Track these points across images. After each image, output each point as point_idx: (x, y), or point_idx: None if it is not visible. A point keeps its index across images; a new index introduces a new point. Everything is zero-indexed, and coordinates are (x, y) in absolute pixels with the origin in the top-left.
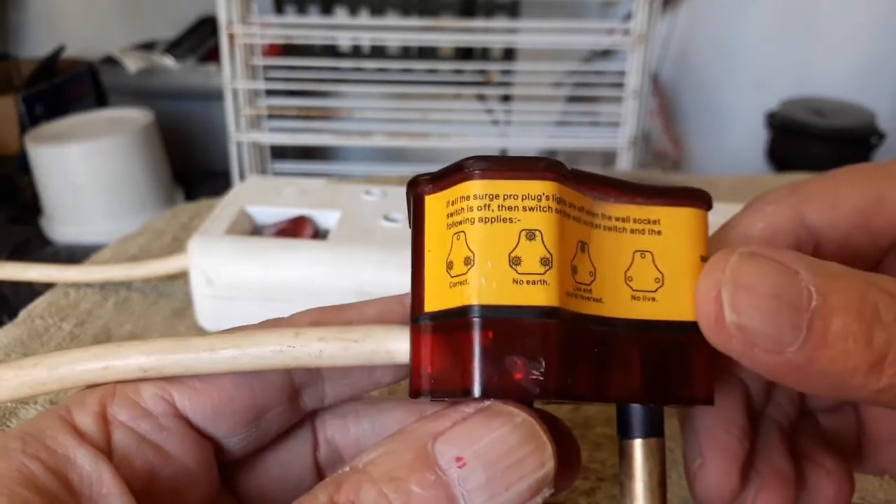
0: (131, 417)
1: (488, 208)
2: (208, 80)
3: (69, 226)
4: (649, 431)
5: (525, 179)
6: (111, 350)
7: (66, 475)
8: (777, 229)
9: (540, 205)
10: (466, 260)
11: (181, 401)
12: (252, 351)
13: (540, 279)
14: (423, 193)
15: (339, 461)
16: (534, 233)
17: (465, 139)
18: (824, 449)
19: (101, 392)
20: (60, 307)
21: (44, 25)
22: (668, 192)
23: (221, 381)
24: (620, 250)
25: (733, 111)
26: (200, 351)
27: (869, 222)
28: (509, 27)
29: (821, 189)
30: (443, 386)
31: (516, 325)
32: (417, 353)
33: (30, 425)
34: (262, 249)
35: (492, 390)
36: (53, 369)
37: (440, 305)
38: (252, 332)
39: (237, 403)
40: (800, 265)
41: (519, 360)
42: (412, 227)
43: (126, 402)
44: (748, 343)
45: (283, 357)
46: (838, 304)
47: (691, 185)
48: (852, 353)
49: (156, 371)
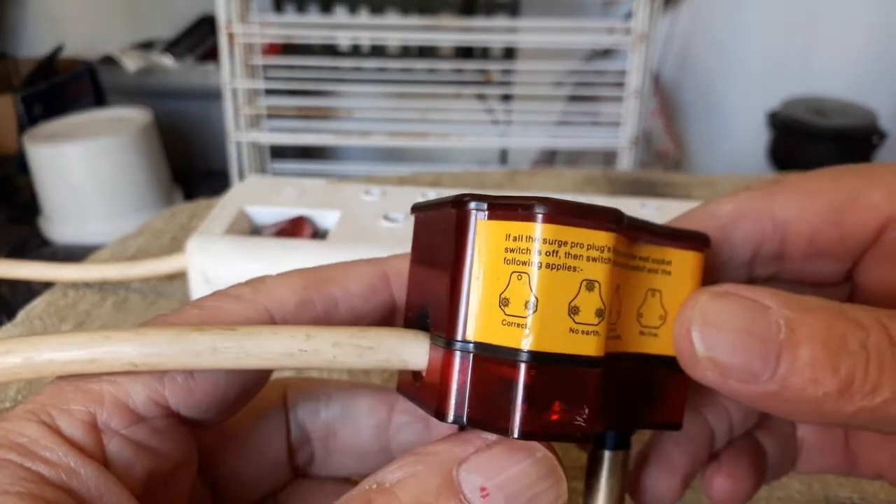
0: (124, 425)
1: (555, 254)
2: (207, 79)
3: (68, 226)
4: (619, 445)
5: (592, 229)
6: (98, 339)
7: (74, 490)
8: (742, 213)
9: (602, 256)
10: (527, 304)
11: (175, 401)
12: (259, 353)
13: (594, 330)
14: (474, 215)
15: (307, 441)
16: (593, 284)
17: (465, 139)
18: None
19: (88, 398)
20: (59, 307)
21: (42, 25)
22: (677, 234)
23: (215, 377)
24: (638, 289)
25: (734, 111)
26: (201, 350)
27: (840, 219)
28: (509, 26)
29: (798, 182)
30: (480, 417)
31: (564, 372)
32: (449, 377)
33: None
34: (262, 249)
35: (530, 433)
36: (29, 357)
37: (487, 338)
38: (258, 332)
39: (229, 395)
40: (772, 301)
41: (560, 405)
42: (456, 247)
43: (118, 410)
44: (722, 375)
45: (293, 360)
46: (806, 334)
47: (692, 185)
48: (820, 381)
49: (148, 367)
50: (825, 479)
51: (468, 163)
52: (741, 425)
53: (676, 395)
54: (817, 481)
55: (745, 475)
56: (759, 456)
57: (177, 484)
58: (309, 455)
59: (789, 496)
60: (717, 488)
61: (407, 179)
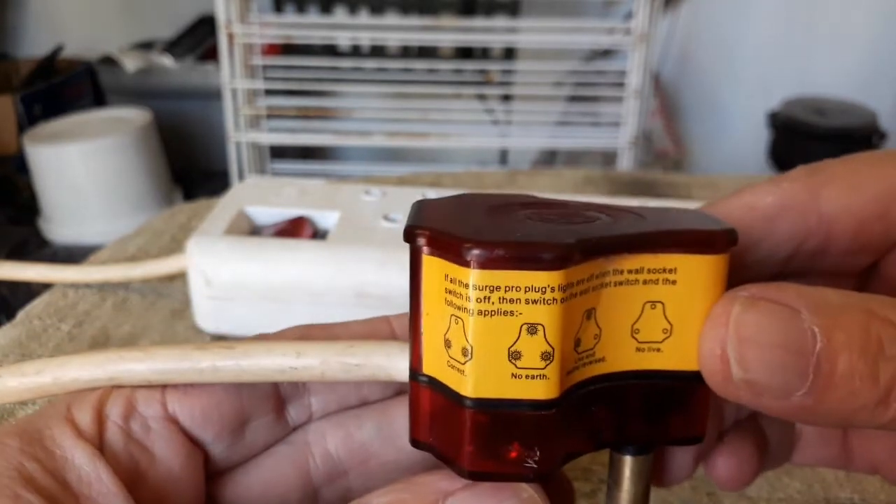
0: (122, 416)
1: (488, 300)
2: (207, 79)
3: (67, 226)
4: (640, 450)
5: (529, 270)
6: (114, 359)
7: (64, 476)
8: (787, 205)
9: (544, 297)
10: (464, 350)
11: (171, 403)
12: (253, 370)
13: (539, 374)
14: (420, 250)
15: (341, 474)
16: (536, 327)
17: (465, 139)
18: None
19: (101, 390)
20: (59, 308)
21: (42, 25)
22: (687, 235)
23: (212, 386)
24: (630, 303)
25: (735, 111)
26: (203, 366)
27: (887, 211)
28: (509, 26)
29: (842, 172)
30: (439, 447)
31: (512, 416)
32: (416, 403)
33: (28, 421)
34: (262, 250)
35: (482, 475)
36: (57, 377)
37: (438, 376)
38: (253, 349)
39: (225, 407)
40: (801, 303)
41: (513, 448)
42: (411, 275)
43: (120, 401)
44: (756, 394)
45: (285, 377)
46: (842, 342)
47: (693, 185)
48: (859, 392)
49: (159, 382)
50: (825, 480)
51: (468, 163)
52: (746, 408)
53: (696, 408)
54: (817, 481)
55: (749, 457)
56: (762, 440)
57: (176, 500)
58: (342, 490)
59: (789, 496)
60: (721, 468)
61: (407, 179)
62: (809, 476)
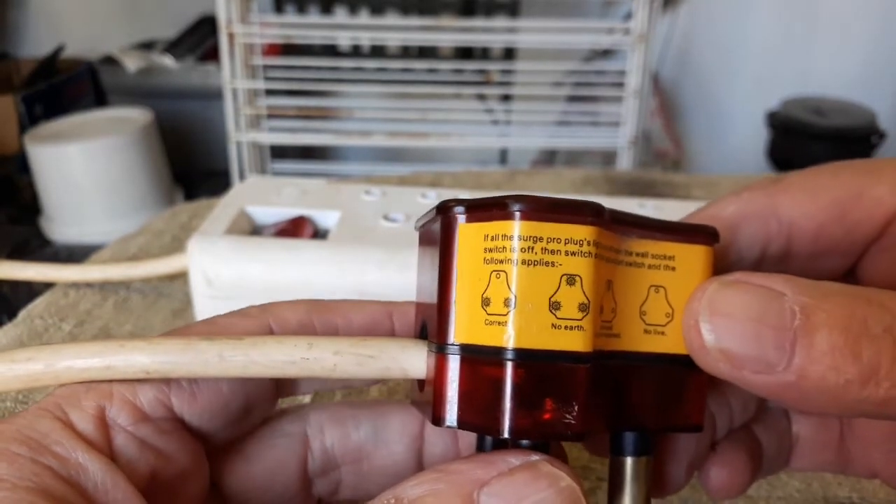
0: (131, 422)
1: (531, 251)
2: (208, 79)
3: (69, 226)
4: (640, 451)
5: (569, 223)
6: (112, 348)
7: (81, 484)
8: (747, 213)
9: (582, 250)
10: (506, 301)
11: (179, 405)
12: (263, 361)
13: (577, 325)
14: (456, 220)
15: (335, 469)
16: (574, 278)
17: (465, 139)
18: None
19: (98, 394)
20: (60, 307)
21: (43, 25)
22: (681, 228)
23: (218, 385)
24: (638, 285)
25: (734, 110)
26: (209, 358)
27: (845, 215)
28: (509, 27)
29: (800, 180)
30: (471, 419)
31: (551, 368)
32: (442, 381)
33: (26, 426)
34: (262, 249)
35: (521, 432)
36: (49, 365)
37: (473, 339)
38: (262, 341)
39: (232, 405)
40: (787, 287)
41: (550, 403)
42: (441, 252)
43: (126, 407)
44: (736, 366)
45: (295, 368)
46: (822, 320)
47: (692, 185)
48: (841, 369)
49: (159, 374)
50: (824, 479)
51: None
52: (740, 417)
53: (694, 396)
54: (816, 480)
55: (743, 467)
56: (756, 449)
57: (186, 494)
58: (334, 483)
59: (788, 495)
60: (714, 478)
61: (407, 179)
62: (809, 475)
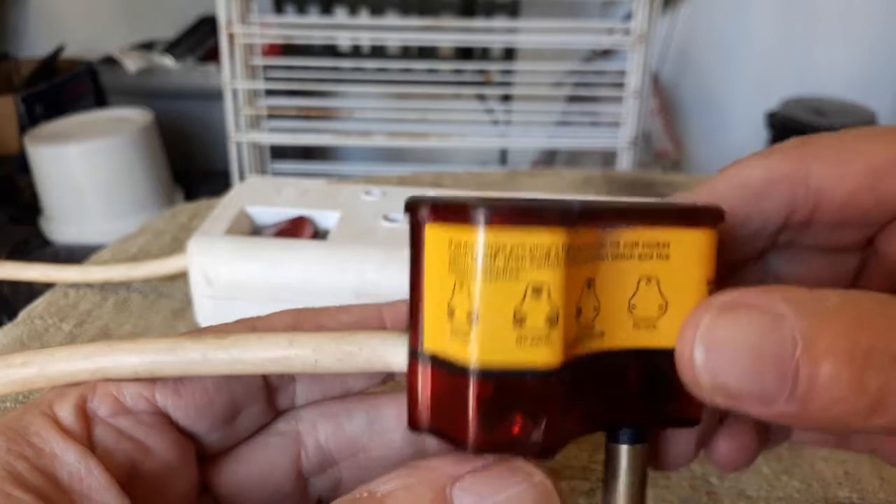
0: (111, 414)
1: (494, 261)
2: (208, 79)
3: (69, 226)
4: (636, 438)
5: (534, 230)
6: (102, 350)
7: (54, 473)
8: (776, 180)
9: (548, 257)
10: (469, 316)
11: (163, 401)
12: (247, 358)
13: (544, 338)
14: (423, 221)
15: (331, 464)
16: (541, 288)
17: (465, 139)
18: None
19: (84, 387)
20: (60, 307)
21: (43, 25)
22: (679, 211)
23: (203, 382)
24: (626, 278)
25: (734, 111)
26: (194, 357)
27: (877, 183)
28: (509, 27)
29: (832, 144)
30: (440, 427)
31: (517, 384)
32: (415, 386)
33: (12, 420)
34: (262, 250)
35: (486, 446)
36: (43, 369)
37: (440, 349)
38: (245, 339)
39: (217, 403)
40: (787, 307)
41: (517, 418)
42: (411, 252)
43: (107, 399)
44: (733, 399)
45: (278, 366)
46: (825, 348)
47: (692, 185)
48: (845, 400)
49: (148, 374)
50: (824, 478)
51: (468, 163)
52: None
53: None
54: (816, 480)
55: (749, 440)
56: (762, 422)
57: (171, 491)
58: (335, 480)
59: (788, 495)
60: (722, 451)
61: (407, 179)
62: (808, 475)
